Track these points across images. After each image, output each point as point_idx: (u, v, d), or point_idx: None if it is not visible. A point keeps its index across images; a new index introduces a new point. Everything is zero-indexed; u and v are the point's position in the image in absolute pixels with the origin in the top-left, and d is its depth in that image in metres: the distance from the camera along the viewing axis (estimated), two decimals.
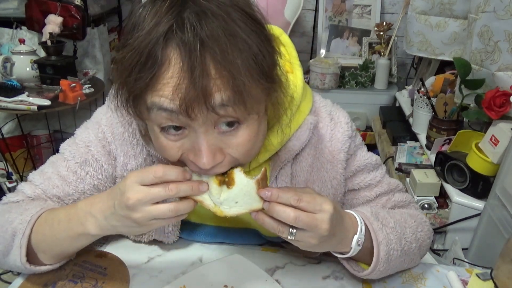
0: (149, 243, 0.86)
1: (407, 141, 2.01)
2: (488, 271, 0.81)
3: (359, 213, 0.71)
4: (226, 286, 0.74)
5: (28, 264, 0.71)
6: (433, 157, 1.63)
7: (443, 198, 1.66)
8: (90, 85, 2.18)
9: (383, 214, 0.75)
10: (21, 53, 2.11)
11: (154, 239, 0.85)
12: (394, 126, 2.21)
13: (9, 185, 2.10)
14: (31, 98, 1.93)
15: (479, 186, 1.40)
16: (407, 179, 1.76)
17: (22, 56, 2.11)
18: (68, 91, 1.98)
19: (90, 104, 2.27)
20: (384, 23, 2.55)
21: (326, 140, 0.79)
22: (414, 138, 1.99)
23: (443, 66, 2.17)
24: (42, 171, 0.79)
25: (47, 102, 1.94)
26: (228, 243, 0.88)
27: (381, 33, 2.56)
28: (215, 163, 0.59)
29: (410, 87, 2.35)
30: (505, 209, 1.27)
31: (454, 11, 1.90)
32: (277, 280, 0.77)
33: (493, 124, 1.39)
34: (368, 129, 2.56)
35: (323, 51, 2.71)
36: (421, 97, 1.87)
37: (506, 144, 1.30)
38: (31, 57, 2.12)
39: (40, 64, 2.11)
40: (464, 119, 1.70)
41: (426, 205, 1.63)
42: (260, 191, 0.60)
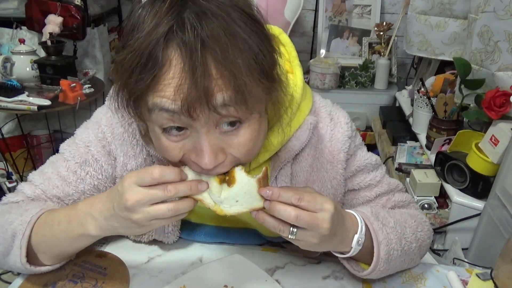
0: (149, 243, 0.86)
1: (407, 141, 2.00)
2: (488, 271, 0.81)
3: (360, 213, 0.71)
4: (226, 286, 0.74)
5: (28, 265, 0.71)
6: (433, 157, 1.63)
7: (443, 198, 1.66)
8: (90, 85, 2.18)
9: (383, 214, 0.75)
10: (21, 53, 2.11)
11: (154, 239, 0.85)
12: (394, 126, 2.21)
13: (9, 185, 2.10)
14: (31, 98, 1.93)
15: (479, 186, 1.40)
16: (407, 179, 1.76)
17: (22, 56, 2.11)
18: (68, 91, 1.98)
19: (90, 104, 2.27)
20: (384, 23, 2.55)
21: (326, 140, 0.79)
22: (414, 138, 1.99)
23: (443, 66, 2.17)
24: (42, 171, 0.79)
25: (47, 102, 1.94)
26: (228, 243, 0.88)
27: (381, 33, 2.56)
28: (217, 163, 0.59)
29: (410, 87, 2.34)
30: (505, 209, 1.27)
31: (454, 11, 1.90)
32: (277, 280, 0.77)
33: (493, 124, 1.39)
34: (368, 129, 2.56)
35: (323, 51, 2.71)
36: (421, 97, 1.87)
37: (506, 144, 1.30)
38: (31, 57, 2.13)
39: (40, 64, 2.11)
40: (464, 119, 1.70)
41: (426, 205, 1.63)
42: (261, 190, 0.60)
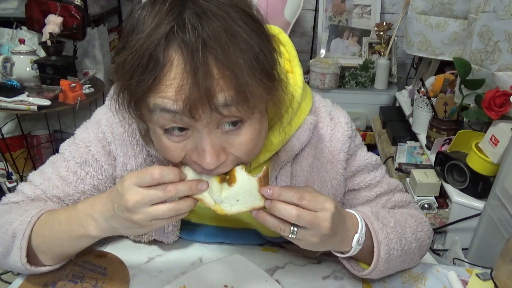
0: (149, 243, 0.86)
1: (407, 141, 2.00)
2: (488, 271, 0.81)
3: (360, 213, 0.71)
4: (226, 286, 0.74)
5: (29, 265, 0.71)
6: (433, 157, 1.63)
7: (443, 198, 1.66)
8: (90, 85, 2.18)
9: (384, 214, 0.75)
10: (21, 53, 2.11)
11: (154, 239, 0.85)
12: (394, 126, 2.21)
13: (9, 185, 2.10)
14: (31, 98, 1.93)
15: (479, 186, 1.40)
16: (407, 179, 1.76)
17: (22, 56, 2.11)
18: (68, 91, 1.98)
19: (90, 104, 2.27)
20: (384, 23, 2.55)
21: (326, 140, 0.79)
22: (414, 138, 1.99)
23: (443, 66, 2.17)
24: (42, 171, 0.79)
25: (47, 102, 1.94)
26: (228, 243, 0.88)
27: (381, 33, 2.56)
28: (219, 163, 0.59)
29: (410, 87, 2.34)
30: (505, 209, 1.27)
31: (454, 11, 1.90)
32: (277, 280, 0.77)
33: (493, 124, 1.39)
34: (368, 129, 2.56)
35: (323, 51, 2.70)
36: (421, 97, 1.87)
37: (506, 144, 1.30)
38: (31, 57, 2.13)
39: (40, 64, 2.11)
40: (464, 119, 1.70)
41: (426, 205, 1.63)
42: (262, 189, 0.60)
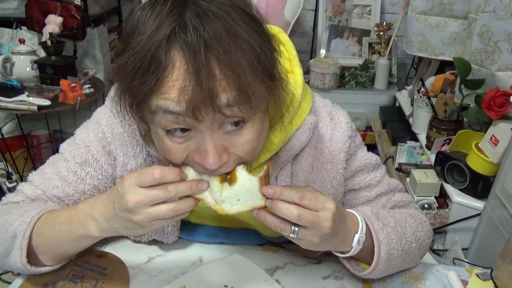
0: (149, 243, 0.86)
1: (407, 141, 2.00)
2: (488, 271, 0.81)
3: (360, 213, 0.71)
4: (226, 286, 0.74)
5: (29, 265, 0.70)
6: (433, 157, 1.63)
7: (443, 198, 1.66)
8: (90, 85, 2.18)
9: (384, 214, 0.75)
10: (21, 53, 2.11)
11: (154, 239, 0.85)
12: (394, 126, 2.21)
13: (9, 185, 2.10)
14: (31, 98, 1.93)
15: (479, 186, 1.40)
16: (407, 179, 1.76)
17: (22, 56, 2.11)
18: (68, 91, 1.98)
19: (90, 104, 2.27)
20: (384, 23, 2.55)
21: (326, 140, 0.79)
22: (414, 138, 1.99)
23: (443, 66, 2.17)
24: (42, 172, 0.79)
25: (47, 102, 1.94)
26: (228, 243, 0.88)
27: (381, 33, 2.56)
28: (221, 163, 0.59)
29: (410, 87, 2.34)
30: (505, 209, 1.27)
31: (454, 11, 1.90)
32: (277, 280, 0.77)
33: (493, 124, 1.39)
34: (368, 129, 2.56)
35: (323, 51, 2.70)
36: (421, 97, 1.87)
37: (506, 144, 1.30)
38: (31, 57, 2.12)
39: (40, 64, 2.11)
40: (464, 119, 1.70)
41: (426, 205, 1.63)
42: (263, 188, 0.60)
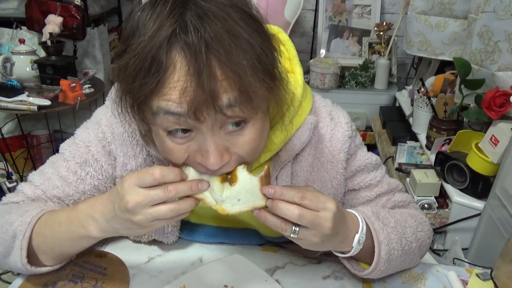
0: (149, 243, 0.86)
1: (407, 141, 2.00)
2: (488, 271, 0.81)
3: (360, 213, 0.71)
4: (226, 286, 0.74)
5: (29, 266, 0.70)
6: (433, 157, 1.63)
7: (443, 198, 1.66)
8: (90, 85, 2.18)
9: (384, 214, 0.75)
10: (21, 53, 2.11)
11: (154, 239, 0.85)
12: (394, 126, 2.21)
13: (9, 185, 2.10)
14: (31, 98, 1.93)
15: (479, 186, 1.40)
16: (407, 179, 1.76)
17: (22, 56, 2.11)
18: (68, 91, 1.98)
19: (90, 104, 2.27)
20: (384, 23, 2.55)
21: (326, 140, 0.79)
22: (414, 138, 1.99)
23: (443, 66, 2.17)
24: (42, 172, 0.79)
25: (47, 102, 1.94)
26: (228, 243, 0.88)
27: (381, 33, 2.56)
28: (223, 163, 0.59)
29: (410, 87, 2.34)
30: (505, 209, 1.27)
31: (454, 11, 1.90)
32: (277, 280, 0.77)
33: (493, 124, 1.39)
34: (368, 129, 2.56)
35: (323, 51, 2.70)
36: (421, 97, 1.87)
37: (506, 144, 1.30)
38: (31, 57, 2.12)
39: (40, 64, 2.11)
40: (464, 119, 1.70)
41: (426, 205, 1.63)
42: (264, 188, 0.60)
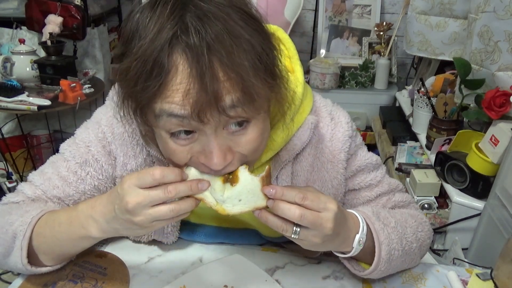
0: (149, 243, 0.86)
1: (407, 141, 2.00)
2: (488, 271, 0.81)
3: (361, 213, 0.71)
4: (226, 286, 0.74)
5: (29, 266, 0.70)
6: (433, 157, 1.63)
7: (443, 198, 1.66)
8: (90, 85, 2.18)
9: (384, 214, 0.75)
10: (21, 53, 2.11)
11: (154, 239, 0.85)
12: (394, 126, 2.21)
13: (9, 185, 2.10)
14: (31, 98, 1.93)
15: (479, 186, 1.40)
16: (407, 179, 1.76)
17: (22, 56, 2.11)
18: (68, 91, 1.98)
19: (90, 104, 2.27)
20: (384, 23, 2.55)
21: (327, 140, 0.79)
22: (414, 138, 1.99)
23: (443, 66, 2.17)
24: (42, 172, 0.79)
25: (47, 102, 1.94)
26: (228, 243, 0.88)
27: (381, 33, 2.56)
28: (226, 163, 0.59)
29: (410, 87, 2.34)
30: (505, 209, 1.27)
31: (454, 11, 1.90)
32: (277, 280, 0.77)
33: (493, 124, 1.39)
34: (368, 129, 2.56)
35: (323, 51, 2.70)
36: (421, 97, 1.87)
37: (506, 144, 1.30)
38: (31, 57, 2.13)
39: (40, 64, 2.11)
40: (464, 119, 1.70)
41: (426, 205, 1.62)
42: (265, 188, 0.60)
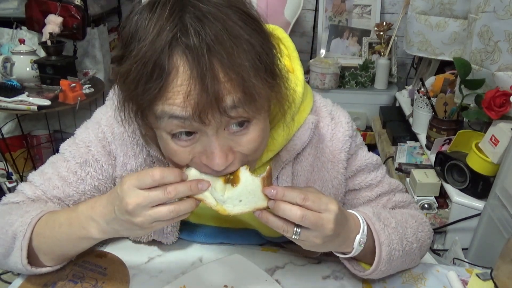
0: (149, 244, 0.86)
1: (407, 141, 2.00)
2: (488, 271, 0.81)
3: (361, 213, 0.71)
4: (226, 286, 0.74)
5: (29, 266, 0.70)
6: (433, 157, 1.63)
7: (443, 198, 1.66)
8: (90, 85, 2.18)
9: (385, 215, 0.75)
10: (21, 53, 2.11)
11: (154, 239, 0.85)
12: (394, 126, 2.21)
13: (9, 185, 2.10)
14: (31, 98, 1.93)
15: (479, 186, 1.40)
16: (407, 179, 1.76)
17: (22, 56, 2.11)
18: (68, 91, 1.98)
19: (90, 104, 2.27)
20: (384, 23, 2.55)
21: (327, 140, 0.79)
22: (414, 138, 1.99)
23: (443, 66, 2.17)
24: (42, 172, 0.79)
25: (47, 102, 1.94)
26: (228, 243, 0.87)
27: (381, 33, 2.56)
28: (228, 164, 0.59)
29: (410, 87, 2.34)
30: (505, 209, 1.27)
31: (454, 11, 1.90)
32: (277, 280, 0.77)
33: (493, 124, 1.39)
34: (368, 129, 2.56)
35: (323, 51, 2.70)
36: (421, 97, 1.87)
37: (506, 144, 1.30)
38: (31, 57, 2.12)
39: (40, 64, 2.11)
40: (464, 119, 1.70)
41: (426, 205, 1.62)
42: (266, 189, 0.60)
